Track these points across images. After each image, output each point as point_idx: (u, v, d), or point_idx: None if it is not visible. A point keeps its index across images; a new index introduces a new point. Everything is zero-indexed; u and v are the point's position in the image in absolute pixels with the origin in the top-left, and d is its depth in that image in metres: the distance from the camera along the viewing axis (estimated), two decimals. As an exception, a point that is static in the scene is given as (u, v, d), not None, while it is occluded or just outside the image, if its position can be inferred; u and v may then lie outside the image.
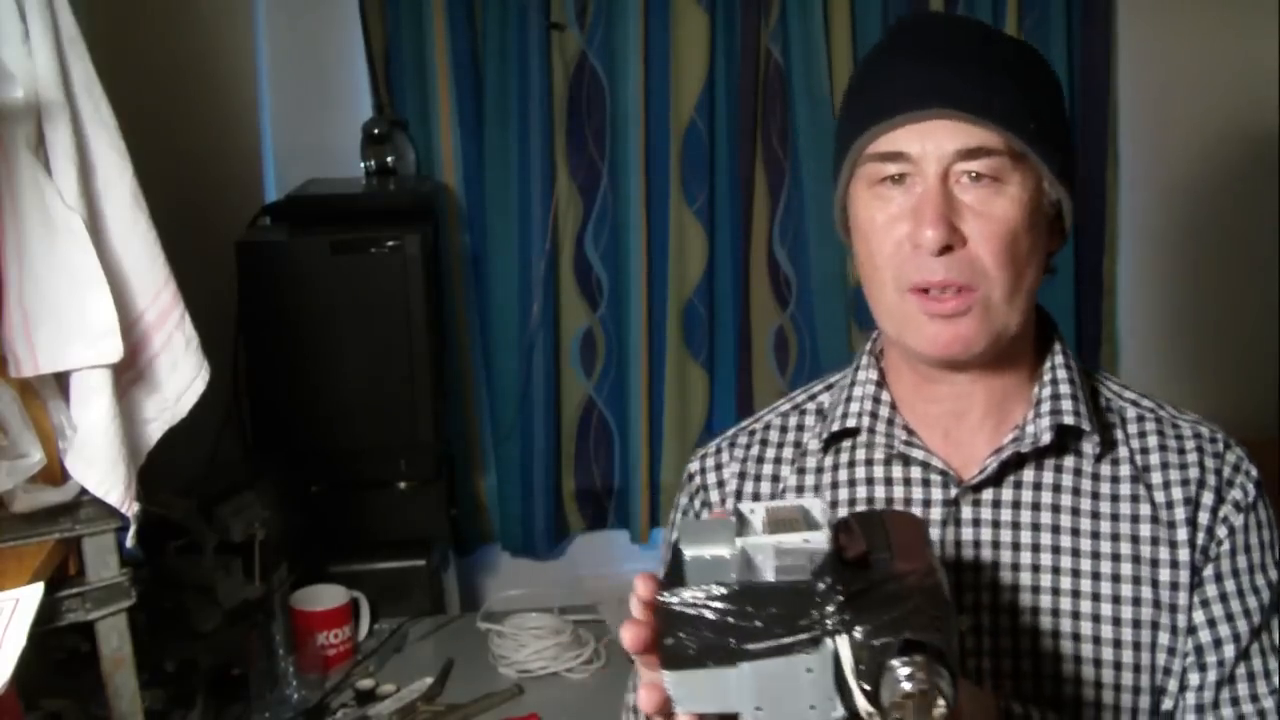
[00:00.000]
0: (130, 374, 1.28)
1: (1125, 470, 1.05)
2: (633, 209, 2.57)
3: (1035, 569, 1.02)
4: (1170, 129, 2.83)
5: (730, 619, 0.75)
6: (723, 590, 0.75)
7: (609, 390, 2.70)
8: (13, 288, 1.21)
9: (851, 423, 1.08)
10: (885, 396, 1.08)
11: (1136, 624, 1.01)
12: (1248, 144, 2.85)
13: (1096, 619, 1.02)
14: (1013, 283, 0.98)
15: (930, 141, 0.96)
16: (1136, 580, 1.02)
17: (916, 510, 1.04)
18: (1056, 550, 1.03)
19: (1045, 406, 1.04)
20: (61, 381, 1.25)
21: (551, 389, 2.65)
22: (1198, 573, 1.02)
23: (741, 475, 1.13)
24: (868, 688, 0.73)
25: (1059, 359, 1.07)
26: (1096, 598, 1.02)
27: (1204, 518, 1.03)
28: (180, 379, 1.31)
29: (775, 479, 1.12)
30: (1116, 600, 1.02)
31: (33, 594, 1.08)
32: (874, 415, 1.07)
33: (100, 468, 1.22)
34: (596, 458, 2.74)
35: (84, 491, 1.24)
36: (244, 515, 1.87)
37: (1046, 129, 0.99)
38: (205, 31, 2.38)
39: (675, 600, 0.76)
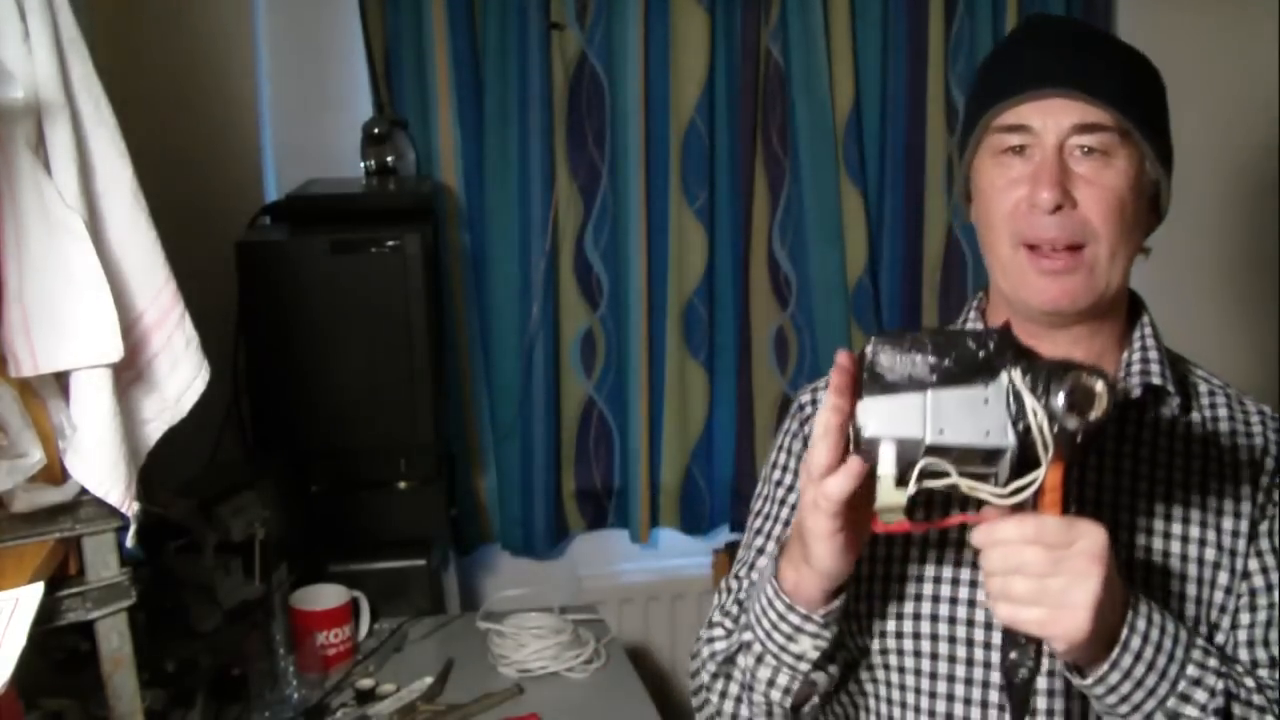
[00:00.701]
0: (130, 374, 1.28)
1: (1198, 432, 1.18)
2: (633, 209, 2.57)
3: (1115, 507, 1.15)
4: (1170, 128, 2.83)
5: (923, 356, 0.89)
6: (917, 334, 0.90)
7: (609, 390, 2.70)
8: (12, 287, 1.21)
9: None
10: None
11: (1201, 562, 1.13)
12: (1248, 144, 2.85)
13: (1166, 555, 1.14)
14: (1118, 244, 1.11)
15: (1050, 116, 1.10)
16: (1204, 524, 1.14)
17: None
18: (1134, 493, 1.15)
19: (1136, 368, 1.17)
20: (61, 381, 1.24)
21: (551, 389, 2.64)
22: (1255, 526, 1.14)
23: None
24: (1040, 396, 0.87)
25: (1147, 330, 1.20)
26: (1168, 536, 1.14)
27: (1265, 480, 1.16)
28: (180, 379, 1.31)
29: None
30: (1185, 540, 1.14)
31: (32, 594, 1.08)
32: None
33: (100, 467, 1.22)
34: (596, 457, 2.74)
35: (84, 491, 1.24)
36: (244, 515, 1.88)
37: (1150, 116, 1.13)
38: (205, 31, 2.38)
39: (876, 335, 0.91)
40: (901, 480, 0.91)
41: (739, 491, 2.77)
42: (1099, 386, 0.87)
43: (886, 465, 0.91)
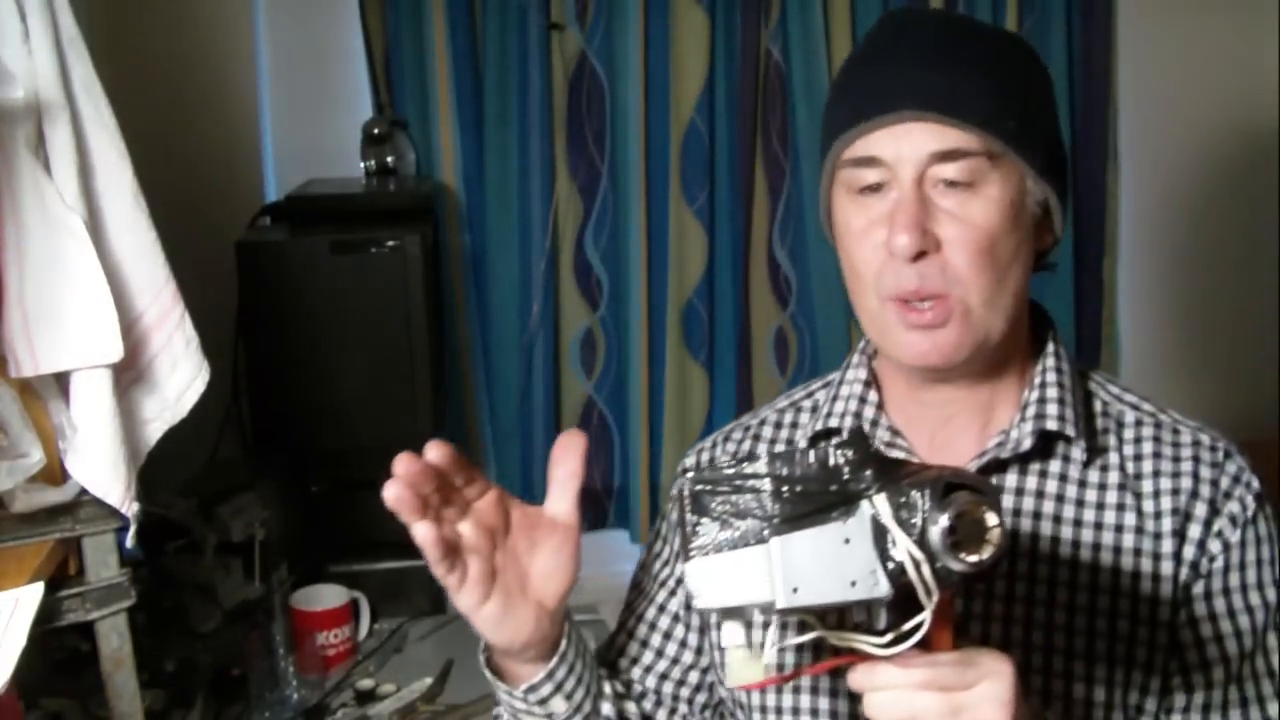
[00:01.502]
0: (130, 374, 1.28)
1: (1114, 477, 1.01)
2: (633, 209, 2.57)
3: (1011, 576, 0.99)
4: (1171, 128, 2.83)
5: (756, 493, 0.71)
6: (748, 464, 0.71)
7: (609, 390, 2.70)
8: (12, 288, 1.21)
9: (834, 423, 1.07)
10: (872, 396, 1.07)
11: (1112, 637, 0.97)
12: (1248, 143, 2.85)
13: (1070, 630, 0.98)
14: (992, 287, 0.95)
15: (904, 144, 0.94)
16: (1114, 592, 0.98)
17: None
18: (1034, 558, 0.99)
19: (1031, 411, 1.01)
20: (61, 381, 1.24)
21: (551, 389, 2.65)
22: (1187, 589, 0.98)
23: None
24: (915, 530, 0.70)
25: (1050, 361, 1.04)
26: (1071, 608, 0.98)
27: (1195, 530, 0.98)
28: (180, 379, 1.31)
29: None
30: (1092, 612, 0.98)
31: (33, 594, 1.08)
32: (857, 415, 1.07)
33: (100, 468, 1.22)
34: (596, 458, 2.74)
35: (84, 491, 1.24)
36: (244, 515, 1.87)
37: (1028, 126, 0.96)
38: (205, 31, 2.38)
39: (694, 476, 0.72)
40: (753, 643, 0.75)
41: (739, 492, 2.77)
42: (990, 519, 0.70)
43: (731, 638, 0.75)
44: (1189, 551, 0.98)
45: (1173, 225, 2.89)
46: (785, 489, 0.71)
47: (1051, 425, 1.00)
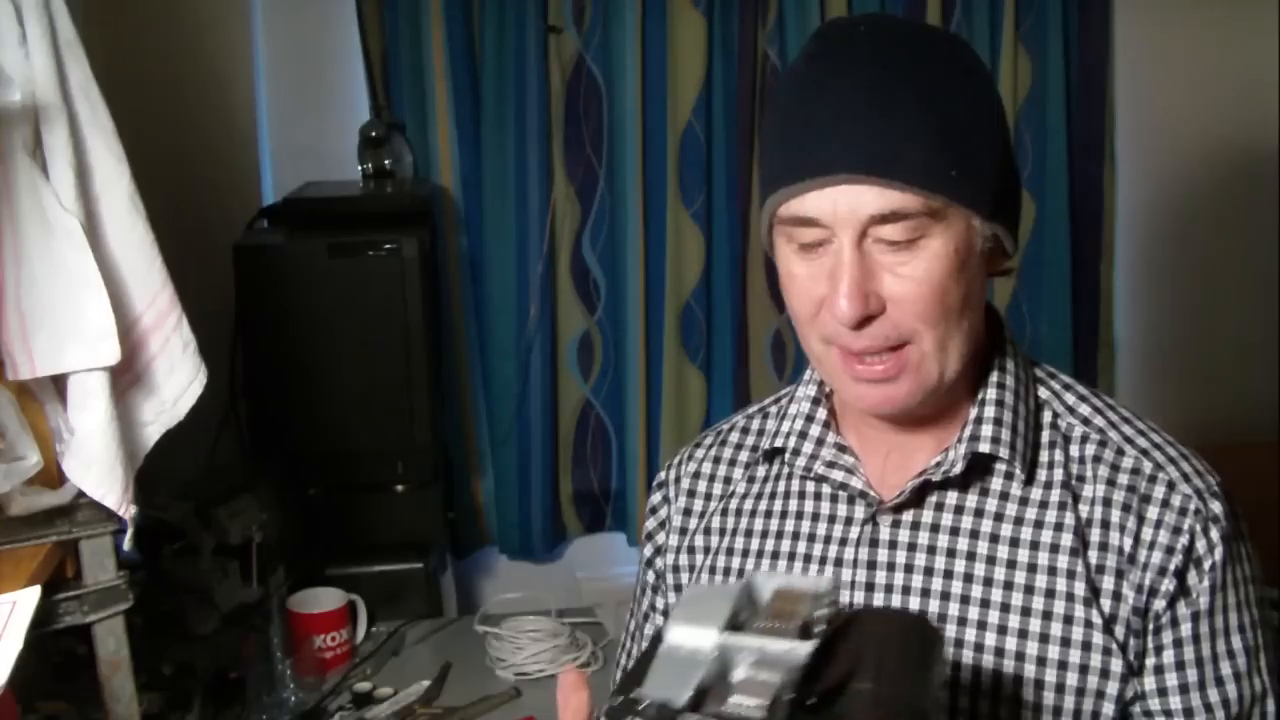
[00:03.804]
0: (128, 377, 1.28)
1: (1055, 495, 0.98)
2: (630, 212, 2.57)
3: (945, 596, 0.97)
4: (1168, 131, 2.83)
5: None
6: (667, 715, 0.67)
7: (606, 393, 2.71)
8: (10, 290, 1.21)
9: (780, 442, 1.06)
10: (820, 414, 1.06)
11: (1041, 661, 0.94)
12: (1246, 145, 2.85)
13: (1000, 653, 0.95)
14: (944, 333, 0.92)
15: (841, 205, 0.89)
16: (1047, 616, 0.95)
17: (837, 529, 1.02)
18: (969, 578, 0.97)
19: (968, 431, 0.98)
20: (59, 384, 1.24)
21: (549, 392, 2.65)
22: (1142, 616, 0.94)
23: (696, 475, 1.14)
24: None
25: (994, 377, 1.00)
26: (1003, 630, 0.95)
27: (1147, 555, 0.94)
28: (178, 382, 1.31)
29: (727, 481, 1.12)
30: (1023, 635, 0.95)
31: (30, 597, 1.08)
32: (803, 435, 1.06)
33: (98, 470, 1.22)
34: (594, 460, 2.74)
35: (81, 494, 1.24)
36: (241, 518, 1.87)
37: (971, 169, 0.90)
38: (203, 35, 2.38)
39: (613, 717, 0.68)
40: None
41: (736, 494, 2.77)
42: None
43: None
44: (1138, 576, 0.95)
45: (1170, 228, 2.89)
46: None
47: (984, 448, 0.97)
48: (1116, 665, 0.94)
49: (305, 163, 2.46)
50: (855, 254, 0.90)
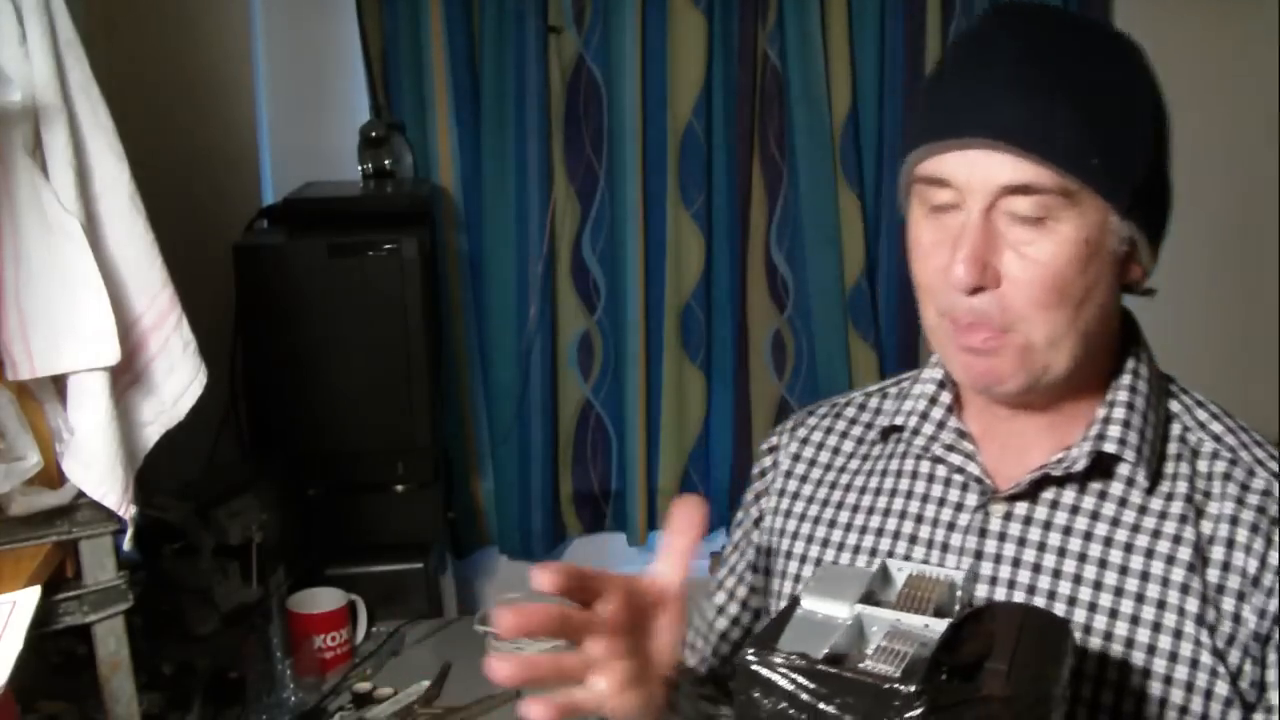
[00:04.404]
0: (127, 377, 1.28)
1: (1177, 507, 0.95)
2: (630, 212, 2.57)
3: (1051, 595, 0.95)
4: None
5: (805, 696, 0.70)
6: (805, 664, 0.70)
7: (606, 393, 2.71)
8: (10, 290, 1.21)
9: (900, 420, 1.06)
10: (944, 398, 1.05)
11: (1146, 674, 0.92)
12: (1247, 145, 2.85)
13: (1104, 660, 0.93)
14: (1058, 327, 0.91)
15: (977, 171, 0.89)
16: (1156, 628, 0.92)
17: (946, 513, 1.02)
18: (1078, 580, 0.95)
19: (1094, 430, 0.97)
20: (59, 384, 1.25)
21: (549, 392, 2.65)
22: (1260, 643, 0.91)
23: (805, 441, 1.13)
24: None
25: (1126, 379, 0.99)
26: (1108, 637, 0.93)
27: (1271, 578, 0.91)
28: (178, 382, 1.31)
29: (836, 451, 1.12)
30: (1129, 644, 0.93)
31: (30, 597, 1.08)
32: (924, 416, 1.05)
33: (97, 470, 1.22)
34: (594, 461, 2.74)
35: (81, 494, 1.24)
36: (241, 518, 1.87)
37: (1116, 162, 0.89)
38: (203, 34, 2.38)
39: (755, 659, 0.71)
40: None
41: (736, 494, 2.77)
42: None
43: None
44: (1260, 599, 0.92)
45: (1172, 228, 2.89)
46: (834, 700, 0.69)
47: (1109, 448, 0.96)
48: (1222, 688, 0.92)
49: (305, 163, 2.46)
50: (981, 221, 0.89)
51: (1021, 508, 0.99)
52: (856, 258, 2.69)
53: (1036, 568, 0.97)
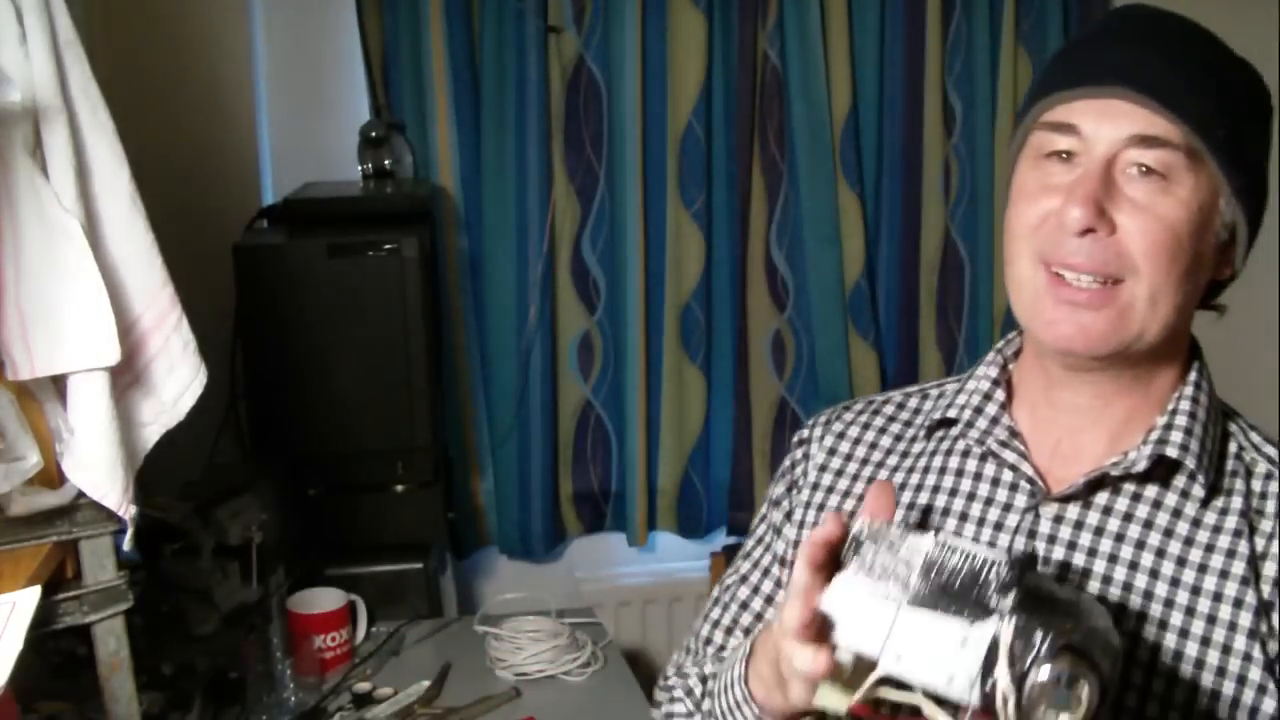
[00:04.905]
0: (127, 377, 1.28)
1: (1232, 522, 0.95)
2: (630, 212, 2.57)
3: (1101, 601, 0.92)
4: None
5: (909, 565, 0.77)
6: (914, 535, 0.78)
7: (606, 393, 2.70)
8: (10, 290, 1.21)
9: (953, 413, 1.04)
10: (999, 395, 1.04)
11: (1194, 688, 0.91)
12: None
13: (1151, 671, 0.92)
14: (1164, 283, 0.90)
15: (1105, 120, 0.90)
16: (1205, 641, 0.92)
17: (993, 512, 1.00)
18: (1128, 588, 0.94)
19: (1155, 434, 0.96)
20: (59, 384, 1.24)
21: (549, 392, 2.65)
22: None
23: (840, 436, 1.12)
24: (1020, 666, 0.72)
25: (1190, 390, 0.98)
26: (1156, 649, 0.92)
27: None
28: (178, 382, 1.31)
29: (872, 446, 1.10)
30: (1177, 656, 0.92)
31: (30, 597, 1.08)
32: (978, 410, 1.03)
33: (97, 471, 1.22)
34: (594, 461, 2.74)
35: (81, 494, 1.24)
36: (241, 518, 1.87)
37: (1238, 144, 0.91)
38: (203, 35, 2.38)
39: (872, 524, 0.80)
40: (851, 681, 0.79)
41: (736, 494, 2.77)
42: (1085, 691, 0.71)
43: (839, 654, 0.80)
44: None
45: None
46: (933, 573, 0.77)
47: (1171, 452, 0.95)
48: (1269, 705, 0.91)
49: (305, 163, 2.46)
50: (1102, 168, 0.90)
51: (1073, 511, 0.98)
52: (856, 257, 2.69)
53: (1086, 574, 0.95)
